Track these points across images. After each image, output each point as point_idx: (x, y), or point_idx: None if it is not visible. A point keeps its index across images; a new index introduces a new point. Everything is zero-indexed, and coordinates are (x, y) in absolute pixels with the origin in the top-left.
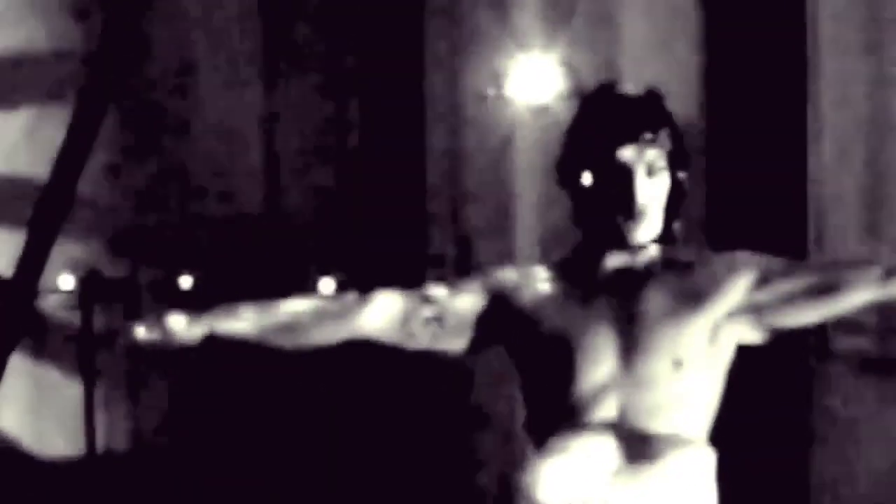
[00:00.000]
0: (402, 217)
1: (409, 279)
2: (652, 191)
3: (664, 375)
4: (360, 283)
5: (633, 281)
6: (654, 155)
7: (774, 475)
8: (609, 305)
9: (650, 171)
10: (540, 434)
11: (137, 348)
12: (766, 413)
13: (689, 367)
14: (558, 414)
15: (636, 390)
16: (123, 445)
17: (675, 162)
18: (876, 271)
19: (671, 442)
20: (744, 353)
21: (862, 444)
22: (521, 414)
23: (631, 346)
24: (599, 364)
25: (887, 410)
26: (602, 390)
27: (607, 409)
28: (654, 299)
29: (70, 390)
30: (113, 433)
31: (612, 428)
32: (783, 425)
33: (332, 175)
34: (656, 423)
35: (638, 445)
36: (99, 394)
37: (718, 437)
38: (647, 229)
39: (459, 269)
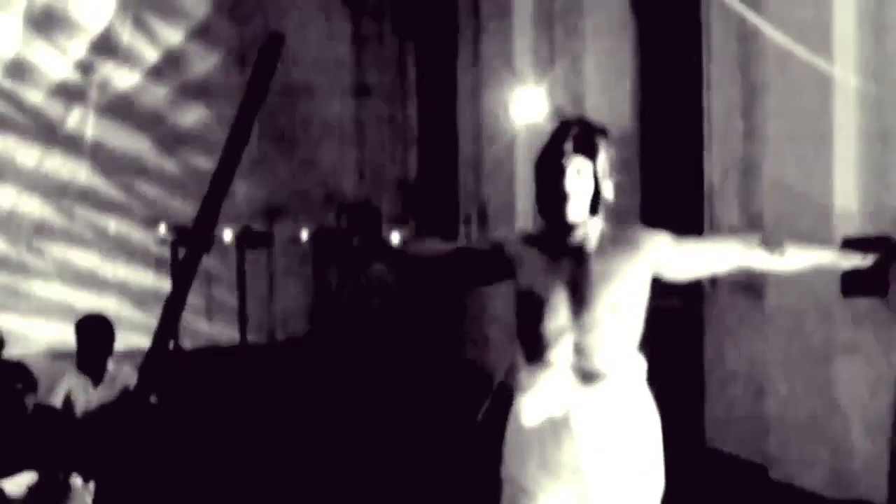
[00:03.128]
0: (443, 192)
1: (447, 231)
2: (579, 186)
3: (604, 321)
4: (418, 235)
5: (583, 250)
6: (582, 162)
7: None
8: (565, 269)
9: (579, 173)
10: (525, 352)
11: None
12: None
13: (622, 313)
14: (532, 347)
15: (584, 333)
16: (263, 339)
17: (598, 167)
18: (754, 241)
19: (613, 363)
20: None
21: (740, 341)
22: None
23: (580, 299)
24: (558, 313)
25: (751, 318)
26: (560, 332)
27: (564, 346)
28: (598, 264)
29: (230, 302)
30: (256, 328)
31: (568, 359)
32: (684, 329)
33: (398, 169)
34: (601, 353)
35: (588, 369)
36: (248, 302)
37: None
38: (576, 211)
39: (480, 224)
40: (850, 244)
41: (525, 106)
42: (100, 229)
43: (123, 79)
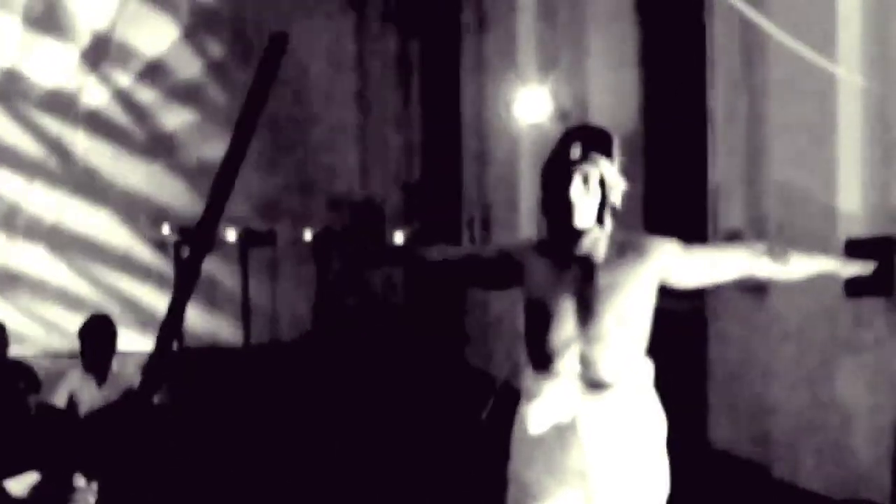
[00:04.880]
0: (446, 192)
1: (450, 232)
2: (585, 193)
3: (611, 331)
4: (420, 237)
5: (591, 260)
6: (589, 169)
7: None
8: (572, 280)
9: (585, 181)
10: (532, 360)
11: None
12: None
13: (629, 323)
14: (539, 356)
15: (591, 344)
16: (267, 336)
17: (605, 174)
18: (759, 250)
19: (619, 372)
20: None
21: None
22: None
23: (587, 311)
24: (564, 324)
25: (755, 318)
26: (567, 343)
27: (571, 356)
28: (605, 275)
29: (234, 300)
30: (259, 327)
31: (575, 369)
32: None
33: (401, 169)
34: (608, 363)
35: (595, 379)
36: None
37: None
38: (583, 217)
39: (483, 225)
40: (853, 245)
41: (529, 106)
42: (103, 230)
43: (120, 76)
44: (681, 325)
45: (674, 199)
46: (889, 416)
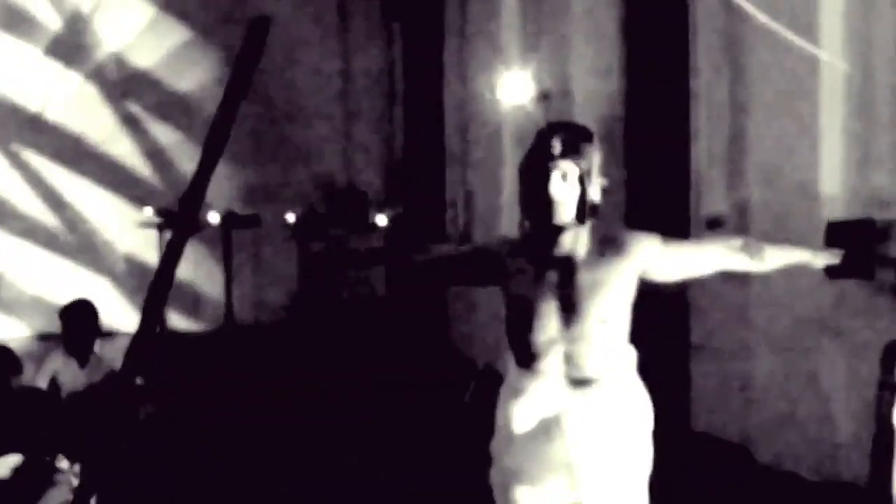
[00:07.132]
0: (429, 175)
1: (433, 216)
2: (565, 189)
3: (594, 330)
4: (404, 218)
5: (572, 259)
6: (568, 166)
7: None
8: (554, 279)
9: (565, 177)
10: (516, 358)
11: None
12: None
13: (611, 320)
14: (522, 355)
15: (574, 342)
16: (250, 318)
17: (584, 171)
18: (736, 245)
19: (603, 368)
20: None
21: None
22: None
23: (570, 311)
24: (548, 324)
25: (736, 302)
26: (550, 343)
27: (555, 355)
28: (587, 274)
29: (217, 285)
30: (242, 310)
31: (559, 367)
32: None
33: (385, 151)
34: (591, 361)
35: (579, 376)
36: (234, 290)
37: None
38: (563, 214)
39: (466, 207)
40: (835, 228)
41: (511, 88)
42: (86, 213)
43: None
44: (664, 309)
45: (657, 183)
46: (869, 398)
